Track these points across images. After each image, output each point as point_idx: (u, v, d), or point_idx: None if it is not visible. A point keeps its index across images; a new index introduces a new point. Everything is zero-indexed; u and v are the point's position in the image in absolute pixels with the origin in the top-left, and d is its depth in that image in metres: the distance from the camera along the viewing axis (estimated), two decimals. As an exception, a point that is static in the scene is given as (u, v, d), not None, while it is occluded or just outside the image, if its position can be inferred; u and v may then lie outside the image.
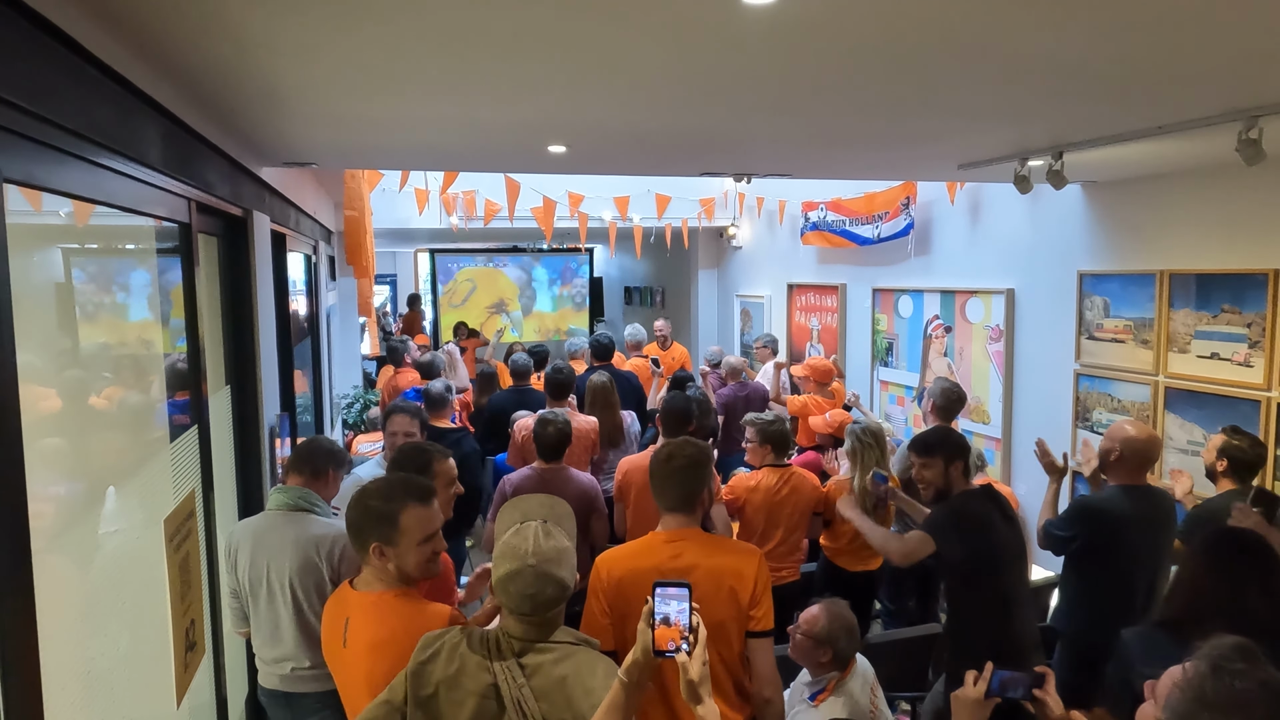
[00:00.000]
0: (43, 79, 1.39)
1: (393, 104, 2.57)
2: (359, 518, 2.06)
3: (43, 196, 1.64)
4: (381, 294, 14.94)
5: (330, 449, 2.83)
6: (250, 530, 2.63)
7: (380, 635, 1.98)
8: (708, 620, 1.67)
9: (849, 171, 5.01)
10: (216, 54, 1.98)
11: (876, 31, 1.82)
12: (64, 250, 1.91)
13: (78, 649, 1.70)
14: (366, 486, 2.13)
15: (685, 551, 2.27)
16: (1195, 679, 1.20)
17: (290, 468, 2.78)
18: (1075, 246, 4.93)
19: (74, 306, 1.94)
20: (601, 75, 2.22)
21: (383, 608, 2.02)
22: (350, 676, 2.04)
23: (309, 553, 2.51)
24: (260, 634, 2.61)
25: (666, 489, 2.34)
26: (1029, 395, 5.37)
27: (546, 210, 7.07)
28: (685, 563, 2.24)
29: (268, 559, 2.54)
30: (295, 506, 2.64)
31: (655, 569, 2.17)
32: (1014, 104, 2.59)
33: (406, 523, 2.03)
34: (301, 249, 5.30)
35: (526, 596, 1.72)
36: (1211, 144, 3.24)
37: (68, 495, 1.73)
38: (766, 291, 8.66)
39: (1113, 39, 1.89)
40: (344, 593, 2.14)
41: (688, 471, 2.32)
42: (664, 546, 2.30)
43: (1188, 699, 1.19)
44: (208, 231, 2.91)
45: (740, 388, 6.21)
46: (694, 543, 2.30)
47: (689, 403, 4.18)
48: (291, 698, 2.61)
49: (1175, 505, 3.33)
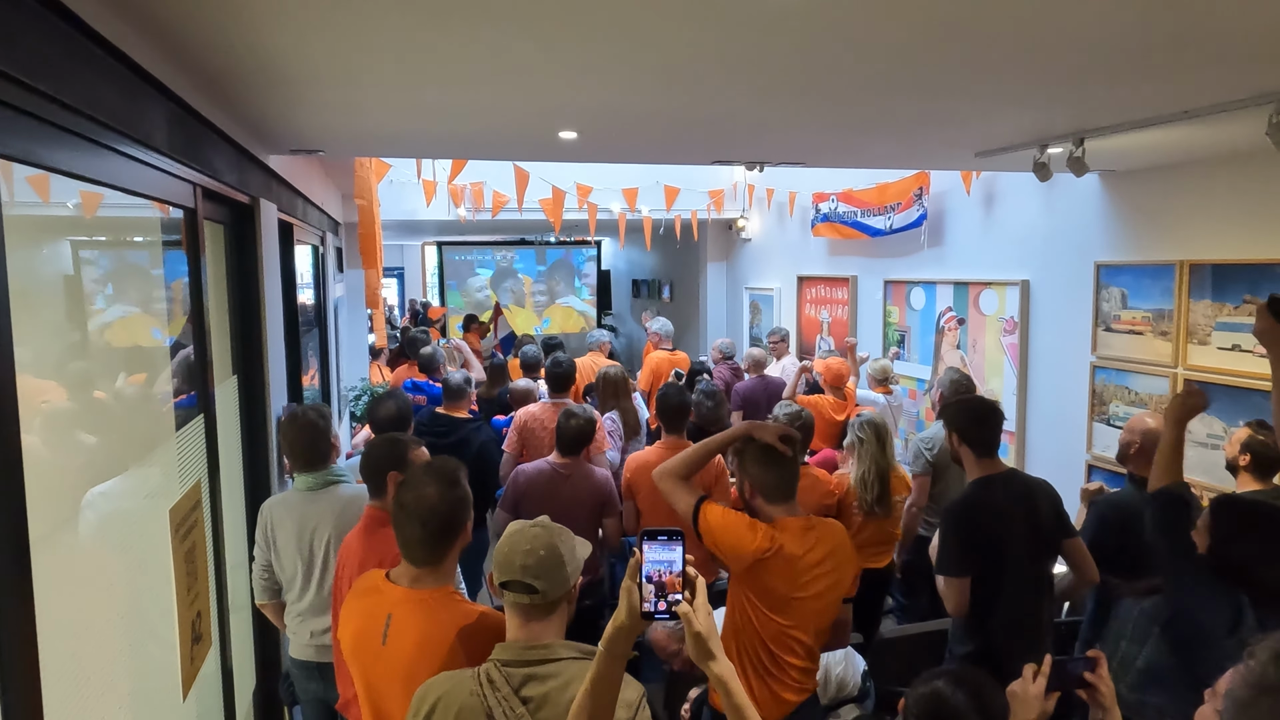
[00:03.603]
0: (43, 53, 1.34)
1: (400, 87, 2.52)
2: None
3: (50, 187, 1.61)
4: (388, 287, 14.97)
5: (318, 426, 2.85)
6: (287, 504, 2.79)
7: (432, 633, 1.89)
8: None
9: (865, 160, 4.94)
10: (222, 34, 1.94)
11: (903, 7, 1.76)
12: (72, 242, 1.87)
13: (80, 642, 1.66)
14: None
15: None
16: (1257, 667, 1.20)
17: (299, 463, 2.82)
18: (1092, 237, 4.85)
19: (81, 296, 1.90)
20: (617, 54, 2.17)
21: (433, 605, 1.94)
22: (386, 674, 1.95)
23: (352, 519, 2.63)
24: (304, 605, 2.77)
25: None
26: (1044, 388, 5.30)
27: (555, 201, 7.01)
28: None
29: (311, 530, 2.72)
30: (324, 484, 2.81)
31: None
32: (1037, 85, 2.52)
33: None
34: (309, 239, 5.26)
35: (520, 553, 1.67)
36: (1236, 130, 3.17)
37: (68, 486, 1.69)
38: (776, 284, 8.59)
39: (1140, 14, 1.83)
40: (380, 586, 2.02)
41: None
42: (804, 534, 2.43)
43: (1250, 686, 1.20)
44: (214, 219, 2.87)
45: (761, 381, 6.15)
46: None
47: (685, 395, 4.11)
48: (325, 669, 2.69)
49: (1195, 499, 3.26)
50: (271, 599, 2.87)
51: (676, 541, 1.38)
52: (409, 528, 1.97)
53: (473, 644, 1.85)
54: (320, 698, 2.86)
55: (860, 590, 3.94)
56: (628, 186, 7.51)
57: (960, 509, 2.84)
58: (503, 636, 1.73)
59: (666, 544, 1.37)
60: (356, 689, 2.04)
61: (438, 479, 2.01)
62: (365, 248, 5.79)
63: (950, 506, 2.90)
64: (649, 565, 1.36)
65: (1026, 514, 2.81)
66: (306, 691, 2.91)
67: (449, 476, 2.03)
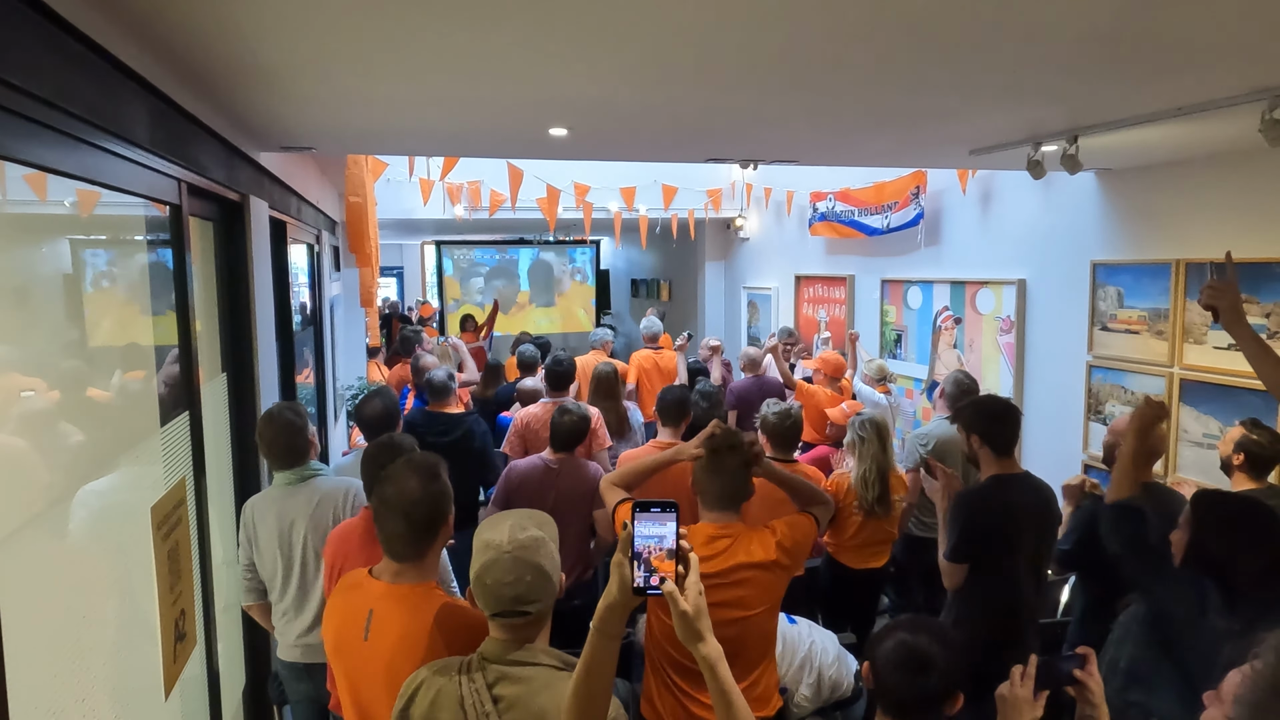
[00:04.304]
0: (13, 45, 1.33)
1: (386, 81, 2.50)
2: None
3: (48, 187, 1.60)
4: (387, 286, 14.95)
5: (295, 424, 2.84)
6: (267, 500, 2.81)
7: (413, 626, 1.88)
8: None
9: (859, 158, 4.92)
10: (200, 27, 1.92)
11: (894, 1, 1.74)
12: (69, 240, 1.85)
13: (55, 639, 1.64)
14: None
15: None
16: (1266, 670, 1.16)
17: (279, 462, 2.83)
18: (1088, 236, 4.83)
19: (65, 292, 1.89)
20: (605, 49, 2.15)
21: (415, 599, 1.93)
22: (367, 669, 1.94)
23: (326, 512, 2.74)
24: (286, 603, 2.77)
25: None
26: (1040, 387, 5.28)
27: (551, 200, 6.99)
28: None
29: (290, 523, 2.74)
30: (301, 479, 2.83)
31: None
32: (1029, 80, 2.50)
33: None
34: (304, 238, 5.24)
35: (505, 585, 1.62)
36: (1230, 127, 3.15)
37: (46, 481, 1.67)
38: (774, 283, 8.58)
39: (1133, 7, 1.81)
40: (363, 582, 2.01)
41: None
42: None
43: (1261, 689, 1.16)
44: (202, 215, 2.86)
45: (756, 380, 6.12)
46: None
47: (684, 393, 4.10)
48: (313, 669, 2.73)
49: (1183, 501, 3.23)
50: (257, 600, 2.86)
51: (669, 514, 1.32)
52: (391, 522, 1.96)
53: (455, 639, 1.84)
54: (311, 698, 2.86)
55: (858, 590, 3.97)
56: (625, 185, 7.49)
57: (976, 500, 2.89)
58: (485, 631, 1.72)
59: (658, 517, 1.31)
60: (339, 685, 2.03)
61: (419, 473, 1.99)
62: (357, 246, 5.77)
63: (965, 495, 2.93)
64: (640, 540, 1.30)
65: (1036, 517, 2.89)
66: (296, 692, 2.90)
67: (430, 470, 2.02)
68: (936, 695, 1.62)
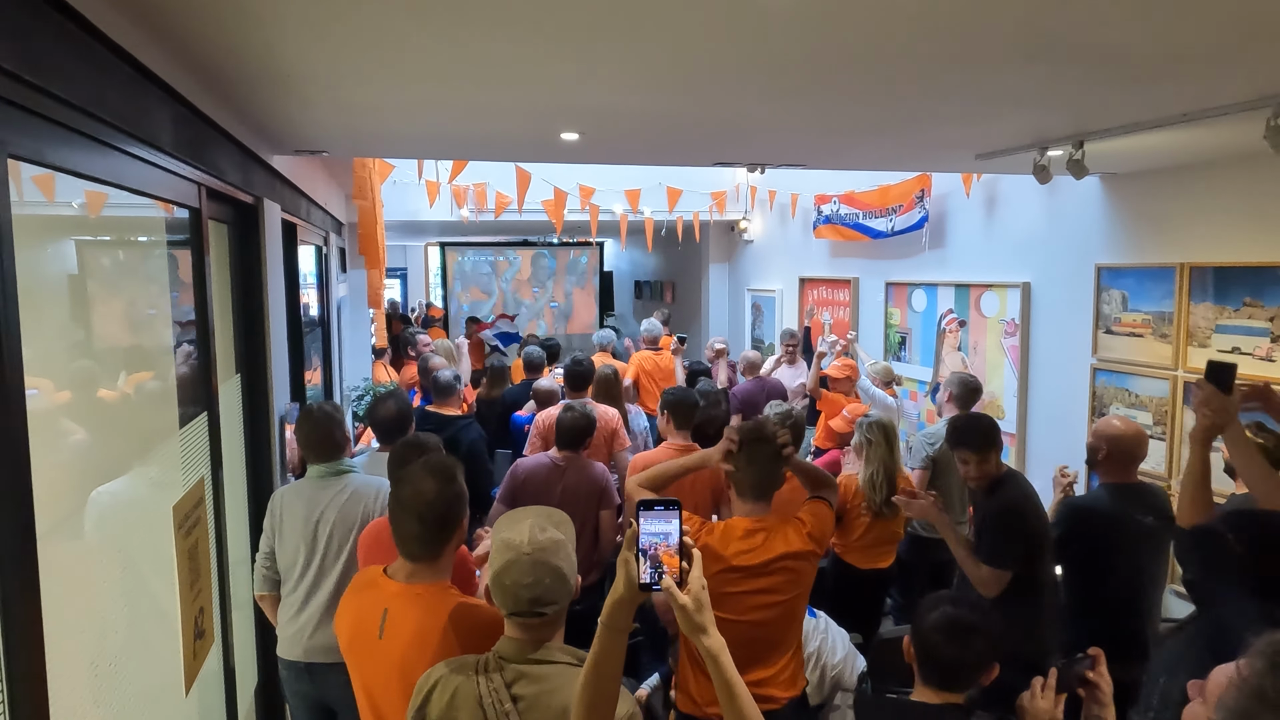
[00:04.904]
0: (49, 53, 1.36)
1: (405, 87, 2.54)
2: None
3: (55, 188, 1.62)
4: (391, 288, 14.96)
5: (334, 418, 2.94)
6: (297, 491, 2.86)
7: (428, 627, 1.90)
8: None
9: (866, 162, 4.95)
10: (226, 36, 1.95)
11: (903, 8, 1.77)
12: (77, 241, 1.88)
13: (84, 638, 1.68)
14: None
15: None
16: (1253, 677, 1.12)
17: (315, 454, 2.89)
18: (1093, 239, 4.86)
19: (85, 294, 1.92)
20: (620, 57, 2.18)
21: (429, 598, 1.96)
22: (382, 668, 1.96)
23: (356, 508, 2.79)
24: (297, 596, 2.79)
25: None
26: (1044, 390, 5.30)
27: (557, 202, 7.03)
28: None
29: (319, 515, 2.78)
30: (336, 473, 2.88)
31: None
32: (1036, 87, 2.53)
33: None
34: (312, 239, 5.28)
35: (524, 587, 1.63)
36: (1236, 133, 3.18)
37: (74, 484, 1.71)
38: (778, 285, 8.60)
39: (1139, 15, 1.84)
40: (377, 581, 2.04)
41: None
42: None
43: (1246, 697, 1.12)
44: (218, 219, 2.89)
45: (758, 383, 6.15)
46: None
47: (691, 393, 4.14)
48: (314, 669, 2.74)
49: (1169, 501, 3.25)
50: (270, 590, 2.89)
51: (673, 512, 1.36)
52: (406, 523, 1.99)
53: (469, 638, 1.86)
54: (310, 698, 2.85)
55: (864, 590, 4.00)
56: (630, 188, 7.52)
57: (1025, 505, 2.99)
58: (500, 630, 1.74)
59: (663, 514, 1.36)
60: (353, 682, 2.05)
61: (435, 474, 2.02)
62: (366, 248, 5.80)
63: (1013, 503, 3.00)
64: (644, 537, 1.35)
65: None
66: (296, 693, 2.88)
67: (446, 472, 2.04)
68: (978, 662, 1.75)
